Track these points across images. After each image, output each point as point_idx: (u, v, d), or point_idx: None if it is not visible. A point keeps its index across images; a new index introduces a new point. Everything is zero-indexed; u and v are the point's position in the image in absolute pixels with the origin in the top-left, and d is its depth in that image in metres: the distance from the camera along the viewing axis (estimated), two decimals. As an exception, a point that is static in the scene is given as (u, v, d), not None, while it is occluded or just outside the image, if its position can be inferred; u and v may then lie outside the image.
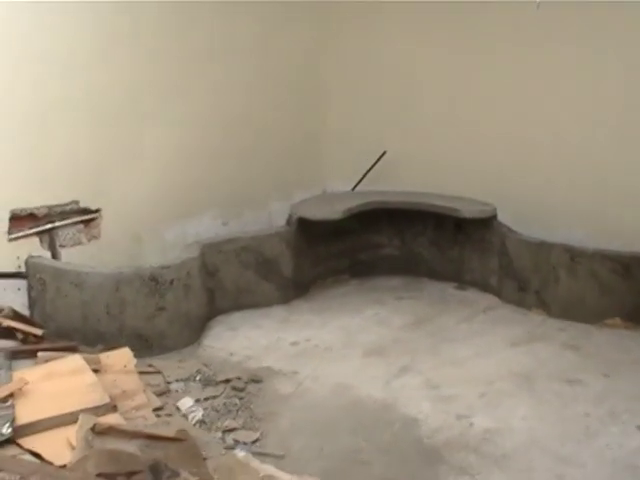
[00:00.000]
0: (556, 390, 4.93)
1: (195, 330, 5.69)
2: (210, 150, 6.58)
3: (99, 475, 3.47)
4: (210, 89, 6.53)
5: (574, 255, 6.05)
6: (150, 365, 5.06)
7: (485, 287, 6.71)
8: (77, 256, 5.58)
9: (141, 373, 4.80)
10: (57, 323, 5.21)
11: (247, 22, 6.73)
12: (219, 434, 4.34)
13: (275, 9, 6.93)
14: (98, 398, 4.15)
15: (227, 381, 4.95)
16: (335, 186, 7.56)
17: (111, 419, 4.01)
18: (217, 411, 4.59)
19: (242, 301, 6.21)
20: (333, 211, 6.50)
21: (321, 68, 7.57)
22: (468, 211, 6.53)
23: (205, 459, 3.90)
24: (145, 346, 5.26)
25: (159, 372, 5.00)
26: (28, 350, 4.73)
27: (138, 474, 3.51)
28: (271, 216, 7.17)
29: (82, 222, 5.64)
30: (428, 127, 7.22)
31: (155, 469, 3.53)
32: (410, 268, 7.08)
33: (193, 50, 6.33)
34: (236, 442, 4.25)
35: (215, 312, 6.04)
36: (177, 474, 3.54)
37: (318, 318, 6.14)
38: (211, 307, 5.99)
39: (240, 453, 4.07)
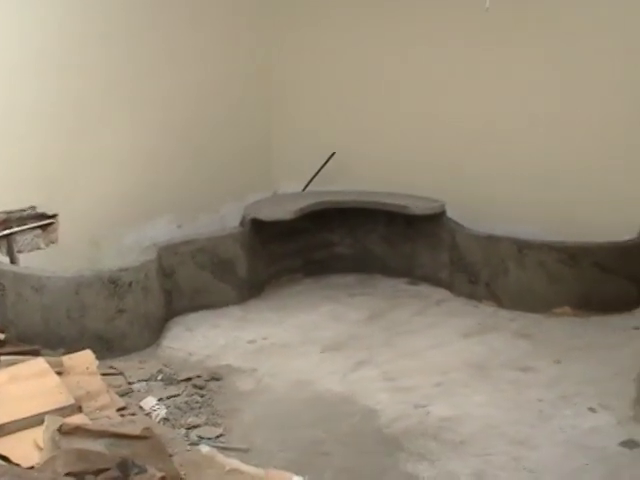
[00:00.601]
0: (509, 378, 5.05)
1: (154, 331, 5.72)
2: (163, 154, 6.64)
3: (68, 474, 3.47)
4: (162, 93, 6.57)
5: (521, 247, 6.19)
6: (111, 367, 5.09)
7: (437, 281, 6.80)
8: (35, 261, 5.59)
9: (103, 375, 4.80)
10: (18, 328, 5.20)
11: (195, 24, 6.78)
12: (183, 431, 4.37)
13: (223, 10, 6.99)
14: (63, 399, 4.15)
15: (188, 380, 5.00)
16: (286, 187, 7.62)
17: (77, 419, 4.01)
18: (180, 409, 4.63)
19: (199, 302, 6.24)
20: (285, 211, 6.56)
21: (270, 71, 7.62)
22: (417, 208, 6.64)
23: (171, 455, 3.91)
24: (106, 348, 5.28)
25: (121, 373, 5.03)
26: (-10, 355, 4.75)
27: (106, 472, 3.54)
28: (224, 218, 7.21)
29: (40, 227, 5.66)
30: (377, 127, 7.32)
31: (123, 466, 3.54)
32: (363, 265, 7.16)
33: (145, 55, 6.38)
34: (200, 438, 4.30)
35: (173, 313, 6.06)
36: (144, 470, 3.54)
37: (274, 316, 6.19)
38: (169, 308, 6.01)
39: (205, 448, 4.10)
